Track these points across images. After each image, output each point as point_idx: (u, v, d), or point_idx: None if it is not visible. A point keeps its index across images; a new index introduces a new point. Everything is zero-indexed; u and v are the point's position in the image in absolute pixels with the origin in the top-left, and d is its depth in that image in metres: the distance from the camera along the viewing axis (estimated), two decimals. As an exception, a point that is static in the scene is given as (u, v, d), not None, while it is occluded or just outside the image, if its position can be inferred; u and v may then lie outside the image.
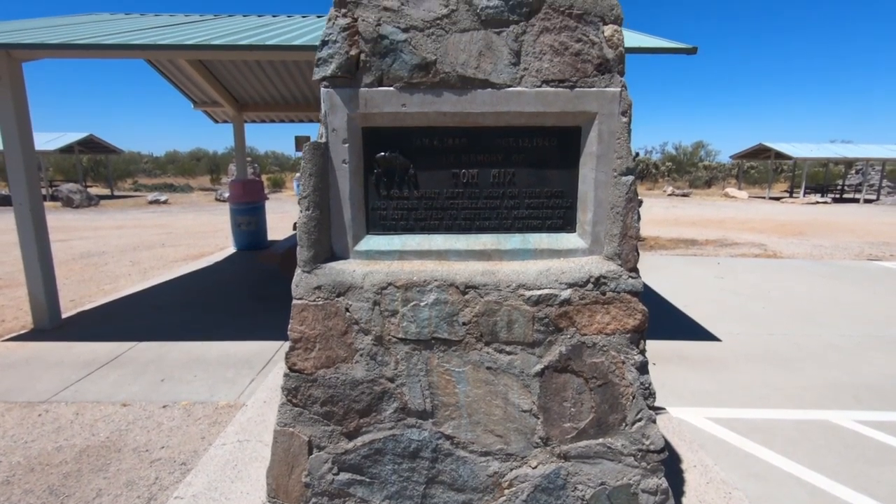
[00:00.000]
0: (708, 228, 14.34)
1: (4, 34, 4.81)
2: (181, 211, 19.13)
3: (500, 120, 1.86)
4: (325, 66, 1.80)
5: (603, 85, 1.85)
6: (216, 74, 8.66)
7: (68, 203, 18.38)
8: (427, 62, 1.80)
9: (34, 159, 5.15)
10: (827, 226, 15.30)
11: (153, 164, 41.10)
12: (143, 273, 8.03)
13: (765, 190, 30.47)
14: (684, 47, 4.56)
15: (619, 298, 1.89)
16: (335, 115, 1.82)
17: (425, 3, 1.78)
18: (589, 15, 1.82)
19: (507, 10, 1.80)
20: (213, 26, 5.87)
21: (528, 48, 1.82)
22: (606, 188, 1.89)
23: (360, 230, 1.93)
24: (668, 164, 38.44)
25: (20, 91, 4.96)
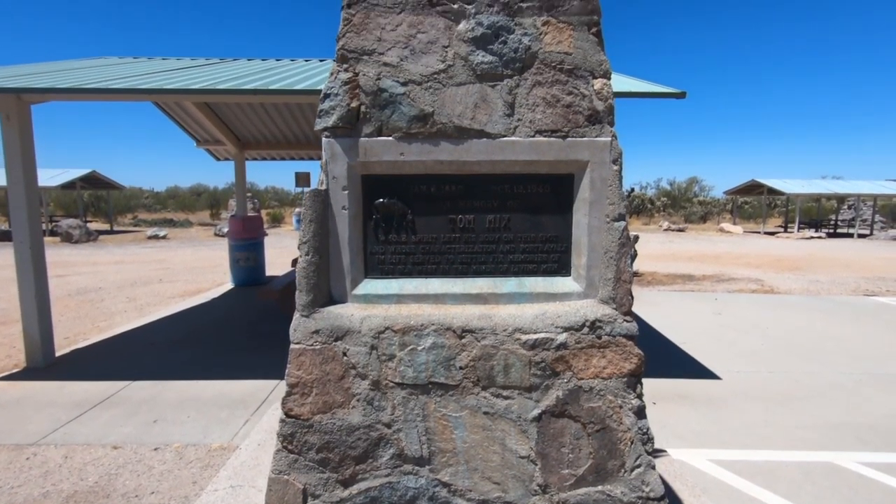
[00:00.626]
0: (704, 263, 14.41)
1: (16, 78, 4.96)
2: (180, 246, 19.18)
3: (495, 168, 1.92)
4: (327, 117, 1.87)
5: (594, 135, 1.92)
6: (220, 115, 8.88)
7: (67, 238, 18.43)
8: (425, 114, 1.87)
9: (37, 198, 5.22)
10: (822, 261, 15.40)
11: (154, 199, 41.48)
12: (139, 310, 7.99)
13: (759, 225, 30.80)
14: (674, 92, 4.73)
15: (614, 342, 1.91)
16: (336, 164, 1.88)
17: (424, 59, 1.87)
18: (579, 70, 1.91)
19: (501, 65, 1.89)
20: (218, 70, 6.07)
21: (522, 100, 1.90)
22: (600, 233, 1.93)
23: (359, 274, 1.96)
24: (663, 200, 38.94)
25: (27, 131, 5.08)
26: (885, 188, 26.42)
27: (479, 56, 1.88)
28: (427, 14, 1.87)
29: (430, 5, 1.87)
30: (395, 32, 1.86)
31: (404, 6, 1.87)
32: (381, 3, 1.86)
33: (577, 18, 1.90)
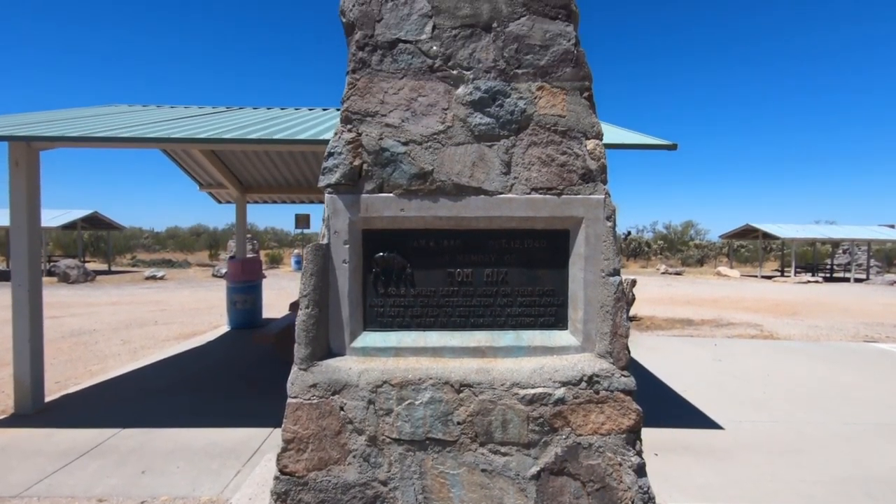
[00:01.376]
0: (703, 307, 14.39)
1: (28, 126, 5.11)
2: (177, 287, 19.13)
3: (492, 224, 1.98)
4: (330, 174, 1.94)
5: (588, 192, 1.99)
6: (224, 160, 9.09)
7: (64, 278, 18.39)
8: (425, 172, 1.94)
9: (38, 242, 5.26)
10: (820, 305, 15.40)
11: (153, 239, 41.66)
12: (132, 353, 7.89)
13: (756, 268, 30.94)
14: (665, 144, 4.89)
15: (612, 397, 1.90)
16: (337, 219, 1.93)
17: (424, 120, 1.97)
18: (573, 131, 2.00)
19: (498, 127, 1.98)
20: (224, 119, 6.26)
21: (518, 159, 1.98)
22: (595, 287, 1.97)
23: (358, 327, 1.98)
24: (659, 243, 39.28)
25: (34, 177, 5.18)
26: (878, 233, 26.76)
27: (477, 118, 1.97)
28: (428, 79, 1.98)
29: (430, 71, 1.98)
30: (397, 96, 1.96)
31: (406, 72, 1.98)
32: (385, 68, 1.97)
33: (570, 84, 2.01)
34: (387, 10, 1.98)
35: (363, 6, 1.98)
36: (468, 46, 1.99)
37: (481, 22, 2.00)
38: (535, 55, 2.00)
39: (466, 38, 1.99)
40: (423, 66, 1.98)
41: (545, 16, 2.01)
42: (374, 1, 1.99)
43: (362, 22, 1.98)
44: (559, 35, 2.01)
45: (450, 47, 1.99)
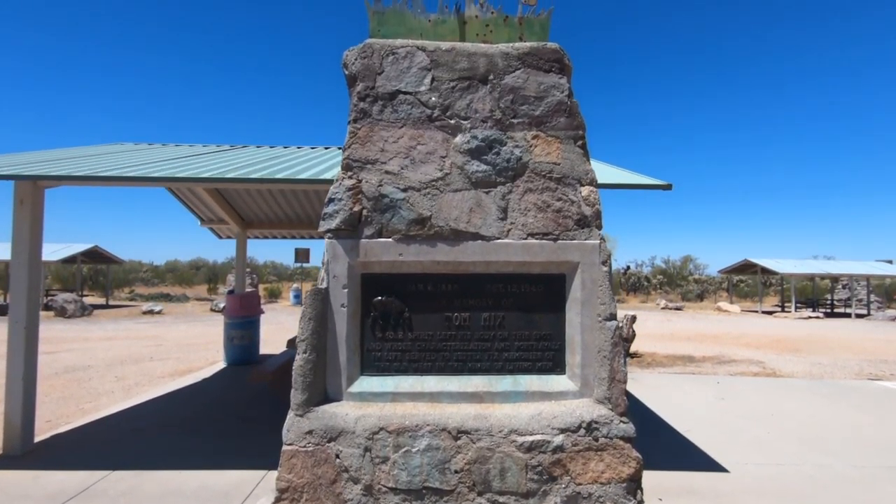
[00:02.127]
0: (704, 344, 14.27)
1: (34, 165, 5.21)
2: (174, 321, 18.99)
3: (489, 268, 2.01)
4: (331, 220, 1.98)
5: (583, 238, 2.02)
6: (226, 197, 9.21)
7: (61, 313, 18.28)
8: (423, 217, 1.99)
9: (39, 280, 5.28)
10: (822, 341, 15.27)
11: (152, 272, 41.63)
12: (126, 390, 7.78)
13: (756, 303, 30.83)
14: (661, 184, 4.98)
15: (612, 445, 1.88)
16: (337, 263, 1.96)
17: (423, 168, 2.02)
18: (567, 178, 2.06)
19: (494, 174, 2.04)
20: (228, 157, 6.39)
21: (514, 205, 2.03)
22: (592, 332, 1.97)
23: (355, 371, 1.98)
24: (659, 278, 39.27)
25: (38, 214, 5.24)
26: (876, 269, 26.82)
27: (475, 165, 2.03)
28: (427, 128, 2.05)
29: (429, 120, 2.05)
30: (396, 144, 2.03)
31: (406, 121, 2.05)
32: (385, 118, 2.04)
33: (564, 133, 2.08)
34: (388, 63, 2.07)
35: (365, 60, 2.07)
36: (465, 97, 2.07)
37: (478, 74, 2.09)
38: (530, 106, 2.08)
39: (464, 90, 2.08)
40: (422, 116, 2.05)
41: (539, 69, 2.10)
42: (376, 55, 2.08)
43: (364, 74, 2.07)
44: (553, 87, 2.09)
45: (448, 98, 2.07)
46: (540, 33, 2.35)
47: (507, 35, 2.33)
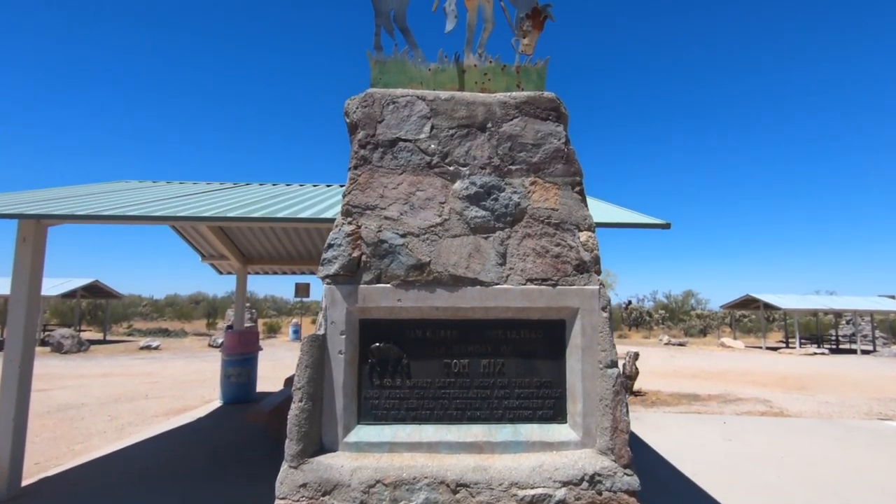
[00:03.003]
0: (709, 381, 14.03)
1: (38, 204, 5.26)
2: (171, 358, 18.76)
3: (488, 314, 1.99)
4: (329, 265, 1.99)
5: (582, 283, 2.02)
6: (228, 234, 9.26)
7: (58, 349, 18.09)
8: (422, 263, 1.99)
9: (36, 319, 5.25)
10: (829, 379, 15.02)
11: (152, 307, 41.44)
12: (119, 430, 7.61)
13: (760, 339, 30.48)
14: (659, 223, 5.01)
15: (615, 499, 1.82)
16: (335, 309, 1.95)
17: (422, 213, 2.04)
18: (565, 223, 2.07)
19: (493, 219, 2.05)
20: (230, 195, 6.46)
21: (513, 251, 2.04)
22: (593, 380, 1.94)
23: (352, 420, 1.93)
24: (661, 313, 39.01)
25: (40, 252, 5.26)
26: (880, 304, 26.65)
27: (473, 211, 2.05)
28: (426, 174, 2.08)
29: (428, 167, 2.08)
30: (396, 190, 2.05)
31: (405, 168, 2.08)
32: (385, 165, 2.08)
33: (562, 179, 2.10)
34: (388, 112, 2.12)
35: (366, 108, 2.12)
36: (464, 145, 2.11)
37: (476, 123, 2.14)
38: (528, 153, 2.12)
39: (463, 137, 2.12)
40: (422, 163, 2.08)
41: (536, 117, 2.15)
42: (377, 104, 2.13)
43: (365, 122, 2.11)
44: (550, 134, 2.14)
45: (447, 145, 2.11)
46: (537, 81, 2.42)
47: (505, 83, 2.40)
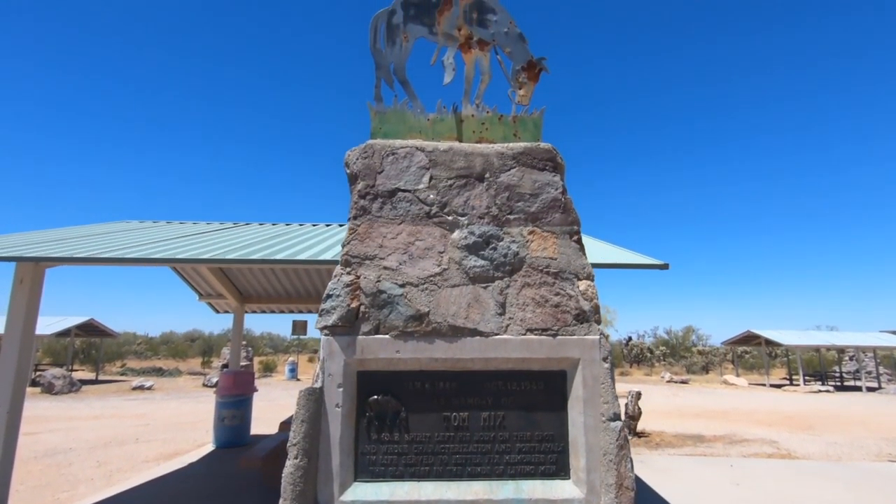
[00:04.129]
0: (713, 421, 13.74)
1: (36, 246, 5.27)
2: (164, 398, 18.38)
3: (488, 365, 1.97)
4: (328, 316, 1.97)
5: (583, 333, 2.00)
6: (226, 273, 9.25)
7: (48, 389, 17.72)
8: (421, 314, 1.98)
9: (28, 363, 5.16)
10: (836, 418, 14.73)
11: (146, 345, 40.88)
12: (107, 477, 7.35)
13: (763, 376, 30.07)
14: (657, 263, 5.03)
15: (623, 562, 1.75)
16: (333, 361, 1.92)
17: (421, 263, 2.04)
18: (564, 273, 2.08)
19: (492, 269, 2.06)
20: (229, 236, 6.49)
21: (513, 300, 2.03)
22: (596, 433, 1.90)
23: (348, 477, 1.88)
24: (661, 349, 38.60)
25: (36, 294, 5.22)
26: (881, 340, 26.43)
27: (472, 261, 2.06)
28: (425, 224, 2.10)
29: (427, 217, 2.10)
30: (395, 240, 2.06)
31: (404, 218, 2.10)
32: (384, 215, 2.10)
33: (560, 228, 2.12)
34: (388, 163, 2.16)
35: (366, 160, 2.16)
36: (463, 194, 2.14)
37: (475, 173, 2.17)
38: (526, 202, 2.14)
39: (461, 188, 2.15)
40: (421, 213, 2.10)
41: (534, 167, 2.19)
42: (377, 155, 2.17)
43: (365, 173, 2.15)
44: (547, 184, 2.17)
45: (446, 195, 2.13)
46: (533, 130, 2.47)
47: (502, 132, 2.46)
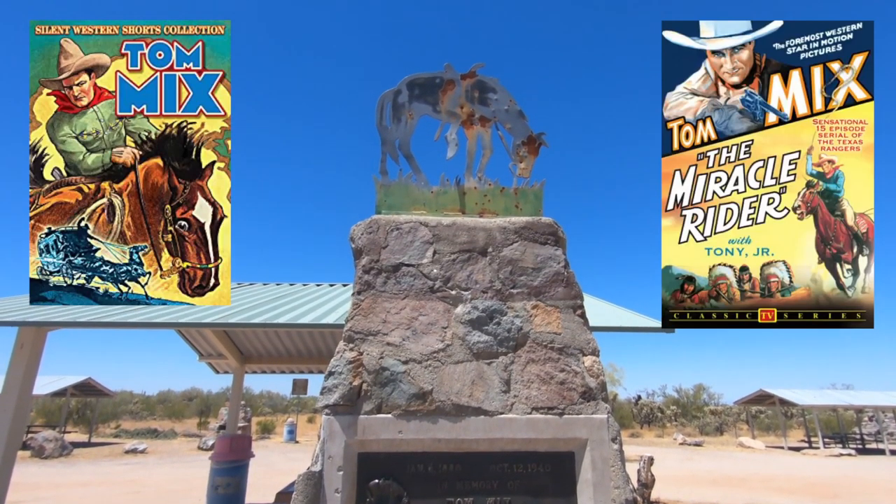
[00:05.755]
0: (731, 488, 13.05)
1: (39, 310, 5.28)
2: (158, 463, 17.70)
3: (493, 446, 1.91)
4: (330, 394, 1.94)
5: (590, 412, 1.95)
6: (228, 333, 9.18)
7: (39, 453, 17.13)
8: (424, 392, 1.94)
9: (22, 431, 5.04)
10: (861, 485, 13.97)
11: (143, 404, 39.91)
12: (92, 554, 6.95)
13: (780, 438, 28.86)
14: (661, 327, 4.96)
15: None
16: (333, 443, 1.87)
17: (424, 339, 2.03)
18: (569, 348, 2.05)
19: (496, 344, 2.04)
20: (234, 297, 6.50)
21: (517, 377, 2.00)
22: (608, 521, 1.81)
23: (346, 570, 1.77)
24: (672, 408, 37.36)
25: (36, 357, 5.18)
26: (900, 399, 25.56)
27: (476, 336, 2.04)
28: (428, 299, 2.10)
29: (431, 292, 2.11)
30: (398, 315, 2.06)
31: (408, 292, 2.11)
32: (388, 289, 2.11)
33: (563, 303, 2.12)
34: (392, 238, 2.20)
35: (371, 235, 2.21)
36: (466, 269, 2.16)
37: (477, 247, 2.20)
38: (529, 276, 2.16)
39: (464, 262, 2.17)
40: (424, 287, 2.12)
41: (536, 241, 2.22)
42: (381, 230, 2.22)
43: (369, 248, 2.18)
44: (549, 258, 2.19)
45: (449, 270, 2.15)
46: (534, 202, 2.54)
47: (503, 204, 2.52)
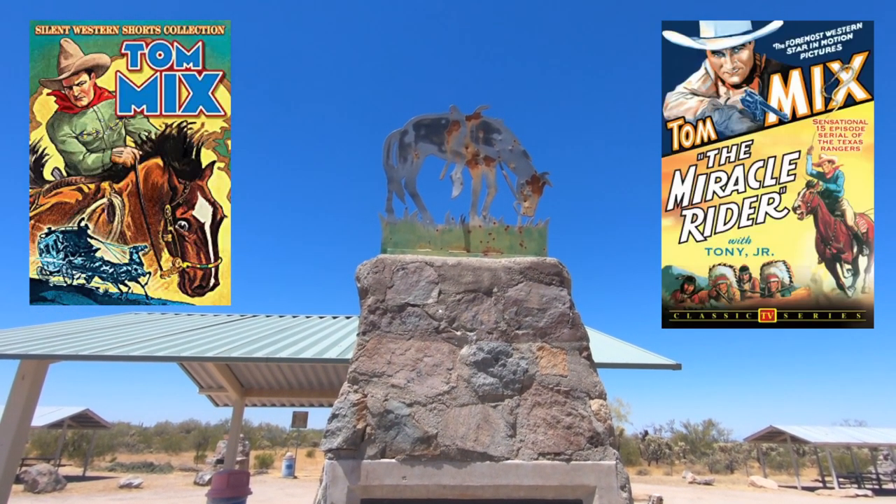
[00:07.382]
0: (744, 532, 12.56)
1: (41, 343, 5.26)
2: (152, 498, 17.25)
3: (499, 493, 1.86)
4: (333, 438, 1.91)
5: (597, 458, 1.91)
6: (229, 365, 9.11)
7: (31, 487, 16.73)
8: (429, 436, 1.91)
9: (16, 465, 4.95)
10: (879, 530, 13.42)
11: (140, 436, 39.20)
12: None
13: (792, 476, 27.96)
14: (670, 363, 4.91)
15: None
16: (336, 488, 1.83)
17: (429, 381, 2.01)
18: (576, 391, 2.03)
19: (501, 386, 2.02)
20: (235, 330, 6.47)
21: (523, 420, 1.97)
22: (618, 575, 1.74)
23: None
24: (681, 445, 36.37)
25: (36, 389, 5.13)
26: (916, 437, 24.84)
27: (481, 378, 2.02)
28: (433, 340, 2.09)
29: (436, 332, 2.11)
30: (403, 356, 2.05)
31: (413, 333, 2.10)
32: (393, 330, 2.10)
33: (569, 344, 2.11)
34: (398, 277, 2.21)
35: (377, 274, 2.22)
36: (471, 309, 2.16)
37: (483, 288, 2.21)
38: (534, 317, 2.15)
39: (469, 302, 2.17)
40: (429, 328, 2.11)
41: (540, 282, 2.23)
42: (387, 270, 2.23)
43: (375, 288, 2.19)
44: (555, 299, 2.19)
45: (454, 310, 2.15)
46: (539, 240, 2.55)
47: (508, 242, 2.53)
